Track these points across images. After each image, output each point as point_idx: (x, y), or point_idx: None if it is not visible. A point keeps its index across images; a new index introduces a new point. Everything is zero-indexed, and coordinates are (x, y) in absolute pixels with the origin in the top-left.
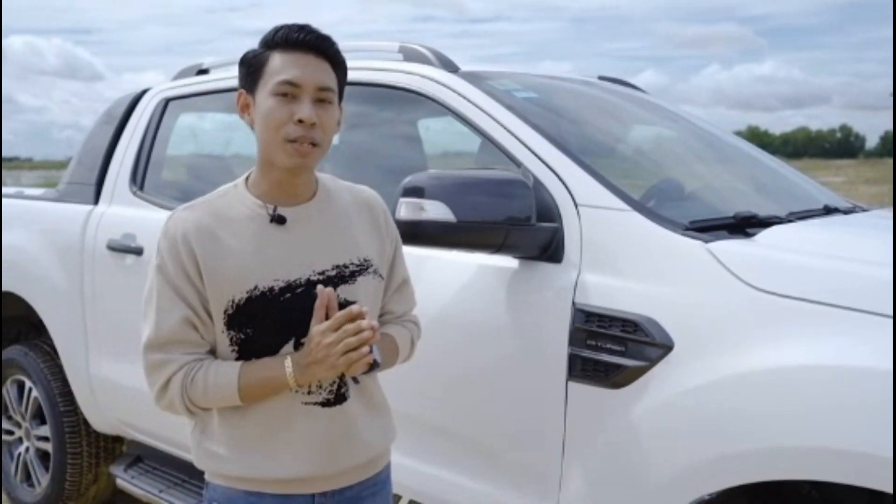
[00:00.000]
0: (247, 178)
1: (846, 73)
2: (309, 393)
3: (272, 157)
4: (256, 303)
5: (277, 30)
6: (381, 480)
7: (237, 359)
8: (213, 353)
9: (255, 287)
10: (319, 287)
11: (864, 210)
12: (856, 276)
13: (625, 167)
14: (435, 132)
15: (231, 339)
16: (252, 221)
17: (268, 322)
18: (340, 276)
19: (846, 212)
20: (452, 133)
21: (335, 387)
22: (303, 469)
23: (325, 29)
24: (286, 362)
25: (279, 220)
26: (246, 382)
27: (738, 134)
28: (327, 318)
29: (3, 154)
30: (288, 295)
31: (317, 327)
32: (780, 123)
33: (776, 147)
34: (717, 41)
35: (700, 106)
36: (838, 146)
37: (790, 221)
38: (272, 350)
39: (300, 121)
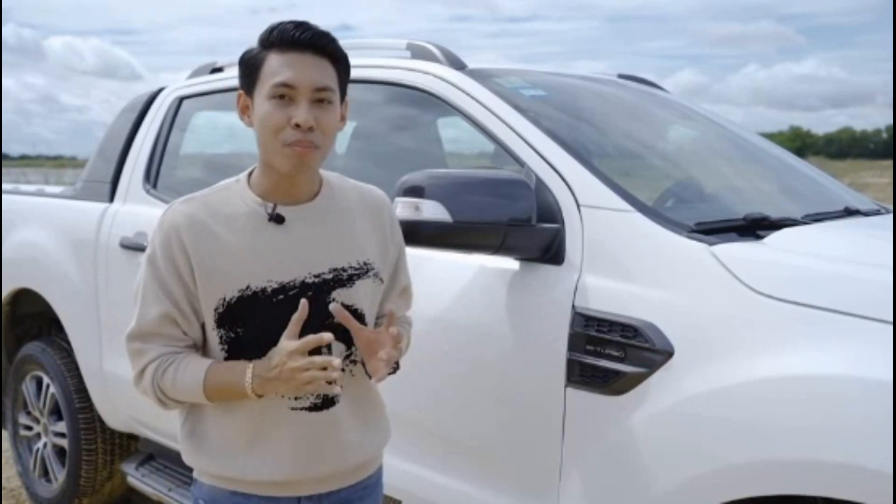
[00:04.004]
0: (249, 174)
1: (891, 72)
2: (296, 399)
3: (271, 161)
4: (248, 303)
5: (273, 28)
6: (370, 484)
7: (227, 357)
8: (195, 347)
9: (248, 287)
10: (303, 303)
11: (888, 212)
12: (864, 281)
13: (637, 167)
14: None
15: (221, 338)
16: (249, 219)
17: (259, 323)
18: (337, 280)
19: (868, 213)
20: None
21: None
22: (287, 472)
23: (360, 29)
24: (247, 371)
25: (277, 219)
26: (211, 384)
27: (780, 134)
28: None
29: (48, 153)
30: (281, 297)
31: (286, 345)
32: (823, 123)
33: (819, 147)
34: (756, 39)
35: (738, 105)
36: (884, 146)
37: (804, 223)
38: (263, 351)
39: (297, 125)
